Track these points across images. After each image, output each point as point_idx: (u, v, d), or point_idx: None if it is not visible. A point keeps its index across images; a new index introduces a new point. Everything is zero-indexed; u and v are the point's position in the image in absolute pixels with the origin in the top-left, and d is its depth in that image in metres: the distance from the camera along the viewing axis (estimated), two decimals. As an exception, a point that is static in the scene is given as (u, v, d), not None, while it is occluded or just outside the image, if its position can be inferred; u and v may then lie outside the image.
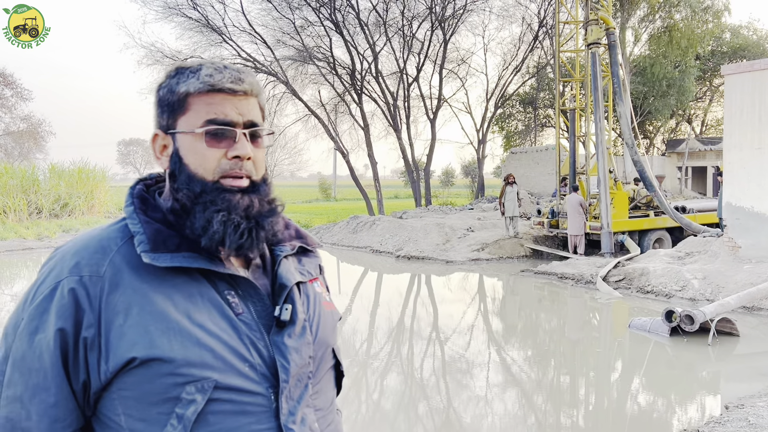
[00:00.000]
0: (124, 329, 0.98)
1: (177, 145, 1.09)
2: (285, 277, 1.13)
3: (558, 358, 7.42)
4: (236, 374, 1.01)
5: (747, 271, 9.20)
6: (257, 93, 1.12)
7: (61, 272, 1.01)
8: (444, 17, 24.80)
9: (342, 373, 1.26)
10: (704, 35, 26.86)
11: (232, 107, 1.07)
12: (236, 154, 1.06)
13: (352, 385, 6.16)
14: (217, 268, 1.05)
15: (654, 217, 13.76)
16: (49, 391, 0.98)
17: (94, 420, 1.03)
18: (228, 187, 1.06)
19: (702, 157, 27.33)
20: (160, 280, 1.02)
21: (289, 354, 1.06)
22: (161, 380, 0.97)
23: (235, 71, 1.09)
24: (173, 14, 22.58)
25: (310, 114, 25.15)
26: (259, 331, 1.06)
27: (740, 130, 10.09)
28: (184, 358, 0.97)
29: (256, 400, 1.02)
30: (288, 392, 1.06)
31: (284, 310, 1.08)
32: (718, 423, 4.66)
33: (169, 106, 1.09)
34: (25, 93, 37.01)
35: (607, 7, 13.44)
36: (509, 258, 14.29)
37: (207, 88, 1.06)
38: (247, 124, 1.09)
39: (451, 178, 56.60)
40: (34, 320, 1.00)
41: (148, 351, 0.97)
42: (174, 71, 1.11)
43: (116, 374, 0.98)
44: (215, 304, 1.04)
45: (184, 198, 1.06)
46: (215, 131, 1.06)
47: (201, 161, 1.06)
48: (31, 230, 18.81)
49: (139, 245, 1.03)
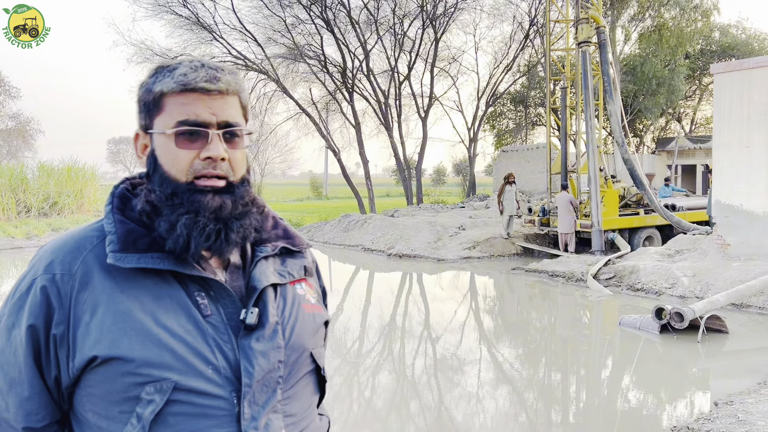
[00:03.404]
0: (90, 328, 0.99)
1: (154, 146, 1.08)
2: (257, 279, 1.11)
3: (549, 356, 7.44)
4: (197, 376, 1.00)
5: (736, 268, 9.27)
6: (236, 91, 1.10)
7: (37, 270, 1.03)
8: (435, 15, 24.80)
9: (324, 378, 1.22)
10: (693, 34, 27.01)
11: (205, 107, 1.05)
12: (208, 155, 1.05)
13: (343, 384, 6.16)
14: (185, 270, 1.04)
15: (644, 215, 13.82)
16: (23, 385, 1.02)
17: (71, 414, 1.06)
18: (201, 188, 1.05)
19: (692, 156, 27.48)
20: (130, 280, 1.02)
21: (255, 358, 1.04)
22: (122, 379, 0.98)
23: (212, 69, 1.07)
24: (163, 12, 22.45)
25: (301, 112, 25.10)
26: (227, 334, 1.05)
27: (729, 128, 10.16)
28: (143, 358, 0.98)
29: (218, 403, 1.01)
30: (252, 397, 1.03)
31: (250, 313, 1.06)
32: (708, 419, 4.69)
33: (146, 106, 1.09)
34: (14, 91, 36.73)
35: (597, 5, 13.47)
36: (500, 256, 14.32)
37: (180, 87, 1.05)
38: (222, 124, 1.07)
39: (443, 176, 56.69)
40: (12, 316, 1.03)
41: (109, 350, 0.98)
42: (154, 70, 1.10)
43: (82, 371, 1.00)
44: (183, 306, 1.03)
45: (155, 199, 1.06)
46: (186, 131, 1.05)
47: (173, 162, 1.05)
48: (19, 229, 18.66)
49: (109, 245, 1.03)
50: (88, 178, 23.83)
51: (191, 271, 1.05)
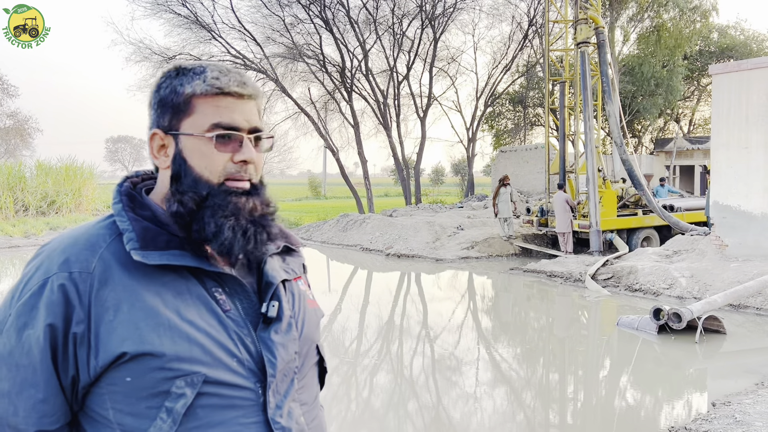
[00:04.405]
0: (114, 325, 0.99)
1: (180, 147, 1.09)
2: (271, 275, 1.15)
3: (546, 356, 7.44)
4: (225, 369, 1.03)
5: (734, 269, 9.28)
6: (258, 96, 1.14)
7: (50, 269, 1.01)
8: (434, 15, 24.81)
9: (325, 369, 1.29)
10: (692, 35, 27.04)
11: (239, 112, 1.09)
12: (243, 159, 1.08)
13: (341, 383, 6.16)
14: (205, 266, 1.07)
15: (642, 216, 13.84)
16: (38, 387, 1.00)
17: (81, 415, 1.05)
18: (233, 189, 1.07)
19: (690, 156, 27.51)
20: (149, 277, 1.03)
21: (276, 349, 1.08)
22: (151, 375, 0.98)
23: (239, 74, 1.11)
24: (162, 10, 22.44)
25: (299, 112, 25.10)
26: (246, 328, 1.08)
27: (727, 129, 10.17)
28: (174, 353, 0.99)
29: (244, 394, 1.04)
30: (275, 387, 1.08)
31: (271, 306, 1.10)
32: (705, 420, 4.69)
33: (173, 107, 1.09)
34: (12, 89, 36.69)
35: (596, 6, 13.48)
36: (499, 256, 14.33)
37: (214, 90, 1.07)
38: (252, 129, 1.11)
39: (441, 176, 56.69)
40: (22, 316, 1.01)
41: (139, 346, 0.98)
42: (175, 71, 1.11)
43: (106, 369, 0.99)
44: (203, 301, 1.05)
45: (190, 201, 1.07)
46: (223, 135, 1.07)
47: (207, 164, 1.07)
48: (17, 228, 18.62)
49: (128, 243, 1.03)
50: (86, 176, 23.78)
51: (211, 267, 1.07)
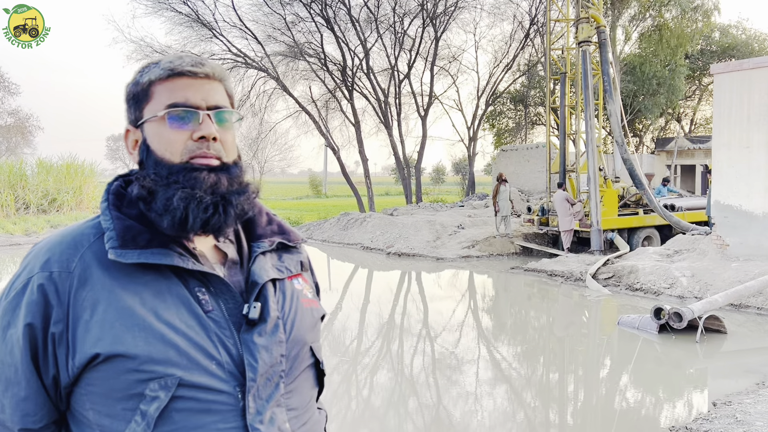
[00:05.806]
0: (90, 325, 0.98)
1: (145, 135, 1.09)
2: (257, 274, 1.12)
3: (547, 355, 7.44)
4: (202, 372, 1.00)
5: (735, 269, 9.27)
6: (221, 78, 1.13)
7: (33, 268, 1.02)
8: (435, 14, 24.77)
9: (323, 372, 1.23)
10: (694, 34, 26.98)
11: (194, 91, 1.08)
12: (201, 135, 1.06)
13: (341, 382, 6.16)
14: (186, 265, 1.04)
15: (643, 215, 13.83)
16: (20, 385, 1.00)
17: (68, 414, 1.05)
18: (197, 166, 1.05)
19: (691, 156, 27.47)
20: (129, 277, 1.01)
21: (258, 352, 1.05)
22: (125, 376, 0.97)
23: (196, 57, 1.11)
24: (163, 9, 22.41)
25: (300, 110, 25.06)
26: (228, 329, 1.05)
27: (729, 128, 10.16)
28: (147, 355, 0.97)
29: (222, 398, 1.01)
30: (256, 391, 1.04)
31: (252, 308, 1.06)
32: (706, 420, 4.69)
33: (135, 98, 1.11)
34: (13, 87, 36.73)
35: (597, 5, 13.46)
36: (499, 255, 14.32)
37: (167, 73, 1.08)
38: (211, 106, 1.09)
39: (442, 175, 56.65)
40: (6, 315, 1.01)
41: (112, 347, 0.97)
42: (140, 68, 1.13)
43: (83, 370, 0.99)
44: (184, 301, 1.03)
45: (150, 182, 1.05)
46: (177, 113, 1.06)
47: (166, 145, 1.06)
48: (18, 225, 18.64)
49: (108, 241, 1.02)
50: (87, 174, 23.81)
51: (193, 266, 1.04)
